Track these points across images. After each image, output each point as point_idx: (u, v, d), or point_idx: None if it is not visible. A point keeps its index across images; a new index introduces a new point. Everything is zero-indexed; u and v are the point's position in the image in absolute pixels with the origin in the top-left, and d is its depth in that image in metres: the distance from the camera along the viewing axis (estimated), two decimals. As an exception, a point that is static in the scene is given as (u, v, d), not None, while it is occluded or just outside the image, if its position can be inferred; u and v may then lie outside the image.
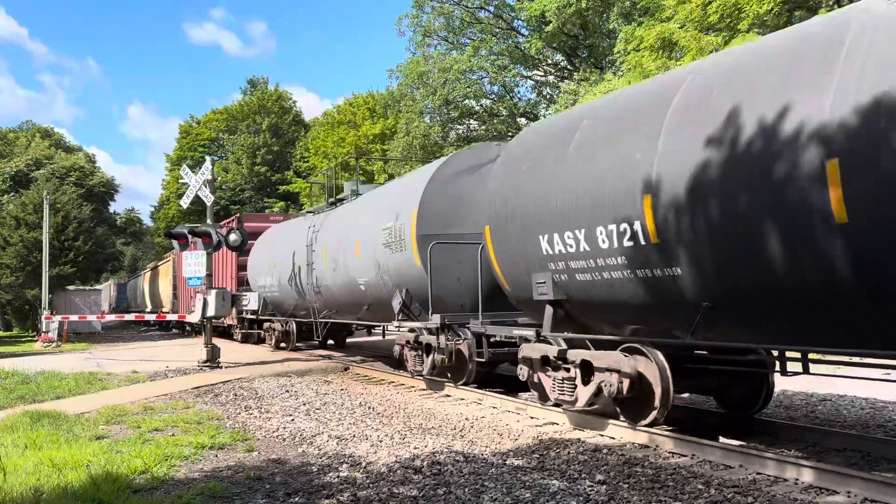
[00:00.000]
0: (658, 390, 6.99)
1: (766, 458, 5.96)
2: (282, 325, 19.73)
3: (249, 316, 21.54)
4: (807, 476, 5.55)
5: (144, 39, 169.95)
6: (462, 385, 10.77)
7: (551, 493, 5.47)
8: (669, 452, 6.73)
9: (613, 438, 7.47)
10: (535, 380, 8.75)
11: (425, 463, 6.50)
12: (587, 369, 7.74)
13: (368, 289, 13.35)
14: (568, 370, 8.04)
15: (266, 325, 21.04)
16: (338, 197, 17.13)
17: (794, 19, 17.14)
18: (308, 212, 19.45)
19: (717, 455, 6.35)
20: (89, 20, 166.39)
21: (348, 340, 22.86)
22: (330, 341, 21.40)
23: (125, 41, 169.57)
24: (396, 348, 12.49)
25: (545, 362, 8.46)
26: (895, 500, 4.97)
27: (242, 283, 22.32)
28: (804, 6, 17.52)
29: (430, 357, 11.24)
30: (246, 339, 23.35)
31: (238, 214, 24.03)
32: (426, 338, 11.32)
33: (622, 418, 7.56)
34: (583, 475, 5.99)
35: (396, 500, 5.42)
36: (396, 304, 11.73)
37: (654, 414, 7.07)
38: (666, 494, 5.40)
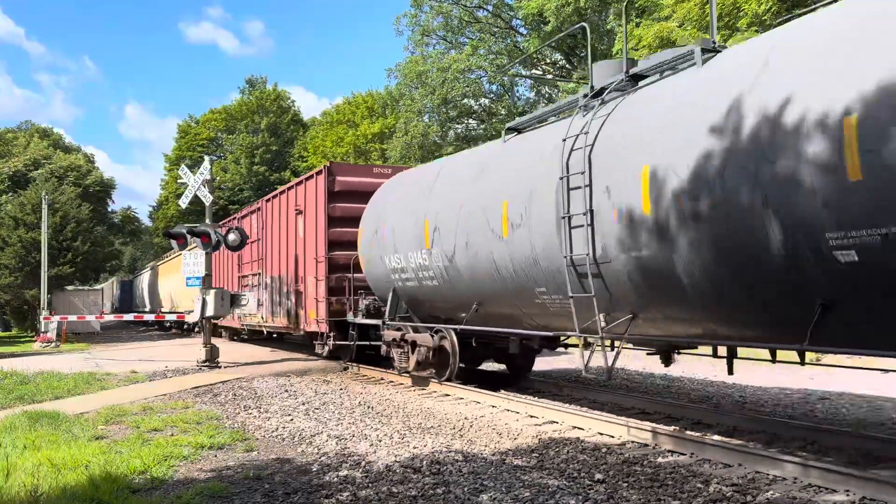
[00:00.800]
0: None
1: (766, 457, 5.96)
2: (432, 339, 11.23)
3: (362, 321, 13.43)
4: (805, 474, 5.56)
5: (141, 38, 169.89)
6: None
7: (550, 492, 5.47)
8: (669, 451, 6.74)
9: (613, 437, 7.48)
10: None
11: (425, 462, 6.50)
12: None
13: None
14: None
15: (391, 335, 12.24)
16: (632, 72, 7.60)
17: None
18: (510, 128, 9.90)
19: (717, 454, 6.35)
20: (86, 19, 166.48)
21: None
22: (494, 365, 12.65)
23: (122, 40, 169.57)
24: None
25: None
26: (893, 499, 4.97)
27: (337, 270, 14.66)
28: (803, 5, 17.51)
29: None
30: (335, 355, 15.17)
31: (328, 164, 15.45)
32: None
33: None
34: (582, 474, 6.00)
35: (396, 500, 5.42)
36: None
37: None
38: (665, 493, 5.41)
